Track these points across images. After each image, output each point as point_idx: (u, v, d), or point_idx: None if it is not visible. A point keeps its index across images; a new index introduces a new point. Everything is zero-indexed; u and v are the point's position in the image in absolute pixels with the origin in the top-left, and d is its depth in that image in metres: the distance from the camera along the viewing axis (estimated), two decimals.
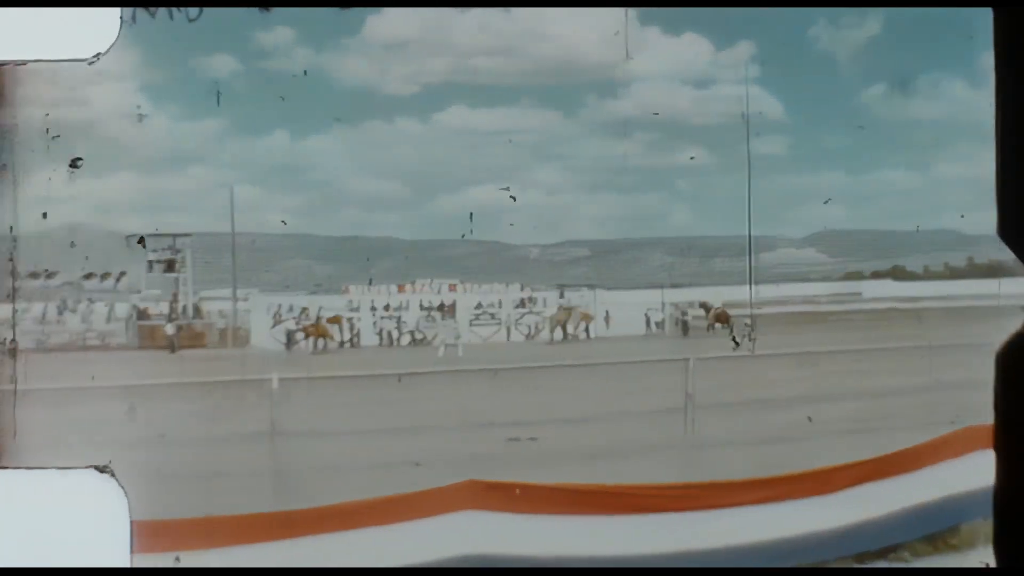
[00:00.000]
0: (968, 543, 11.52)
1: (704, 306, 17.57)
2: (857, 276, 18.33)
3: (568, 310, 17.67)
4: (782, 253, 17.71)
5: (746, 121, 14.07)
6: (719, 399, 14.02)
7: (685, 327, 18.17)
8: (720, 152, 14.87)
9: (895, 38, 15.27)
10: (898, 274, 18.04)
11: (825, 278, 18.15)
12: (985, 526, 11.80)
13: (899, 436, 12.00)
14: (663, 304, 18.10)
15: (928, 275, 17.93)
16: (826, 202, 13.60)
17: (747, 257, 14.14)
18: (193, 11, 8.59)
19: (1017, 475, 2.87)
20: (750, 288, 13.44)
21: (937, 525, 11.52)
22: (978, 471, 11.73)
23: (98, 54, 7.08)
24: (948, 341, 16.14)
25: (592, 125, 15.53)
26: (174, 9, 8.50)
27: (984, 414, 12.68)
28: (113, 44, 7.10)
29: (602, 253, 18.08)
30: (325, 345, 16.76)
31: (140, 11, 8.25)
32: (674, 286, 17.45)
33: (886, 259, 18.03)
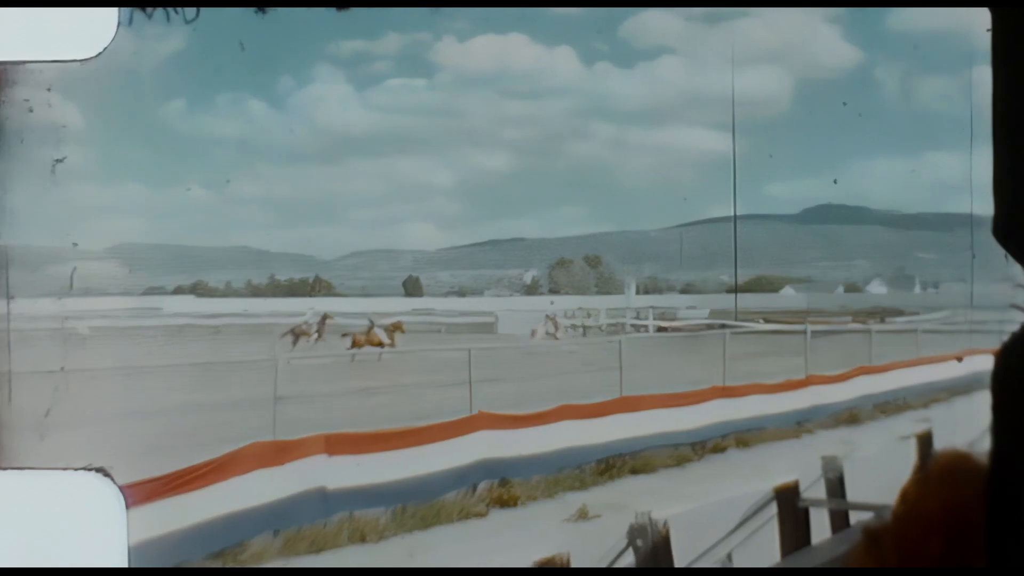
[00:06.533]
0: (257, 558, 11.77)
1: None
2: (160, 291, 18.24)
3: None
4: (79, 266, 17.17)
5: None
6: None
7: None
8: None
9: (199, 51, 15.54)
10: (201, 290, 18.28)
11: (126, 292, 17.85)
12: (276, 541, 12.19)
13: (194, 452, 12.01)
14: None
15: (229, 291, 18.40)
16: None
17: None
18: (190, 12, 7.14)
19: (1013, 477, 3.02)
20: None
21: (224, 542, 11.62)
22: (260, 487, 12.12)
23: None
24: (243, 358, 16.70)
25: None
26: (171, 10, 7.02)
27: (248, 433, 13.15)
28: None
29: None
30: None
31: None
32: None
33: (189, 274, 18.18)
